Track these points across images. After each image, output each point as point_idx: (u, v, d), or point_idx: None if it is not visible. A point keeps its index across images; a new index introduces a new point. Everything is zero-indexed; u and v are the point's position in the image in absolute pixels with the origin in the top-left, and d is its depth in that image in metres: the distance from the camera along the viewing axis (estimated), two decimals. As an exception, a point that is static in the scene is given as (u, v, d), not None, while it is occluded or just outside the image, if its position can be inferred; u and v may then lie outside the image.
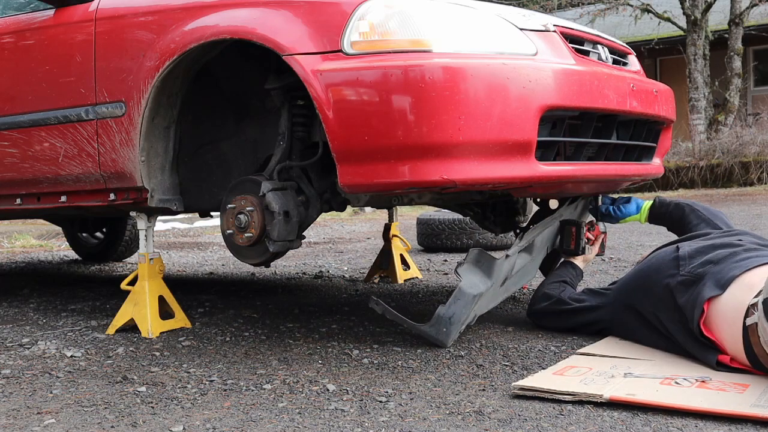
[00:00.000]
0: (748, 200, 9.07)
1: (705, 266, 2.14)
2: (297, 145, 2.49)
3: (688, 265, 2.18)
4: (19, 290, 3.93)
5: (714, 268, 2.12)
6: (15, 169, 2.96)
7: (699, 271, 2.14)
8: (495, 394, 1.92)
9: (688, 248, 2.26)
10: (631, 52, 2.96)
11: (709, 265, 2.14)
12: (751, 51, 15.65)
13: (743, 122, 13.45)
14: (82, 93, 2.73)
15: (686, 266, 2.18)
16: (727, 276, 2.06)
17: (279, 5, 2.33)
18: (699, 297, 2.07)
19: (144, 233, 2.76)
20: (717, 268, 2.11)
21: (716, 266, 2.12)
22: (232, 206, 2.46)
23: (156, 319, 2.70)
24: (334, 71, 2.17)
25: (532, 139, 2.20)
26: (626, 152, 2.70)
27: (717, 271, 2.10)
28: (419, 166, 2.13)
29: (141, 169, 2.59)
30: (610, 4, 15.21)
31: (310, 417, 1.78)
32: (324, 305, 3.26)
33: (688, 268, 2.17)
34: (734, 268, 2.08)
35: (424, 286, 3.78)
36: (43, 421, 1.79)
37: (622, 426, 1.66)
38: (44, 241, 7.24)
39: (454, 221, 5.27)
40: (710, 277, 2.09)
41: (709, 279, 2.09)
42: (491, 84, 2.14)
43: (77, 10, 2.83)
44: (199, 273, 4.65)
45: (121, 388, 2.06)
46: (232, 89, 2.74)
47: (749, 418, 1.66)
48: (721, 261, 2.14)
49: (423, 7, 2.25)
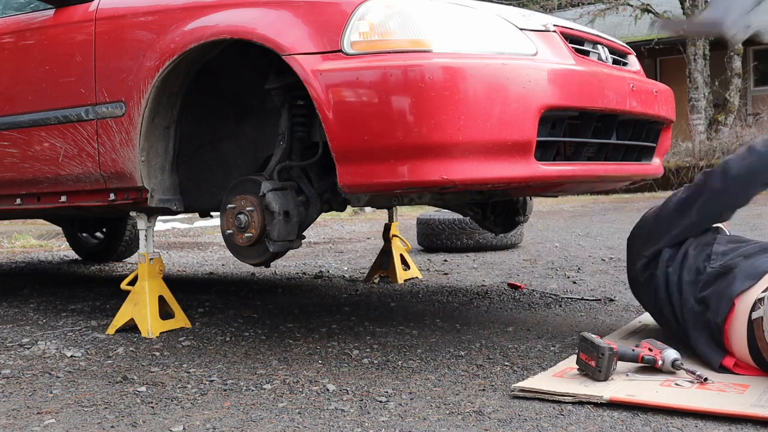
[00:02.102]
0: (748, 200, 9.05)
1: (735, 259, 2.13)
2: (297, 145, 2.49)
3: (718, 261, 2.16)
4: (19, 290, 3.93)
5: (745, 261, 2.10)
6: (15, 169, 2.96)
7: (729, 263, 2.12)
8: (495, 394, 1.92)
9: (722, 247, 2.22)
10: (631, 52, 2.96)
11: (740, 258, 2.12)
12: (751, 51, 15.65)
13: (743, 122, 13.45)
14: (82, 93, 2.73)
15: (717, 261, 2.16)
16: (760, 269, 2.03)
17: (279, 5, 2.33)
18: (729, 290, 2.03)
19: (144, 233, 2.76)
20: (748, 262, 2.09)
21: (747, 260, 2.10)
22: (232, 206, 2.46)
23: (156, 319, 2.70)
24: (334, 71, 2.17)
25: (531, 139, 2.20)
26: (626, 152, 2.69)
27: (749, 265, 2.07)
28: (419, 166, 2.13)
29: (141, 169, 2.59)
30: (610, 4, 15.21)
31: (310, 417, 1.78)
32: (324, 305, 3.26)
33: (719, 263, 2.15)
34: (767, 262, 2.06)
35: (424, 286, 3.78)
36: (43, 421, 1.80)
37: (622, 426, 1.66)
38: (44, 241, 7.24)
39: (454, 221, 5.27)
40: (741, 270, 2.06)
41: (740, 272, 2.06)
42: (491, 84, 2.14)
43: (77, 10, 2.83)
44: (199, 273, 4.65)
45: (121, 388, 2.06)
46: (232, 89, 2.74)
47: (749, 418, 1.66)
48: (753, 255, 2.12)
49: (423, 7, 2.25)
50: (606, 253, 4.82)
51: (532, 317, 2.93)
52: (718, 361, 2.01)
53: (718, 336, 2.03)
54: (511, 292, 3.50)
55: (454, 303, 3.27)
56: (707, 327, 2.07)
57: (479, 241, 5.23)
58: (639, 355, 2.01)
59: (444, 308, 3.15)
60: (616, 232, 6.24)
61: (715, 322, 2.03)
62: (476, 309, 3.12)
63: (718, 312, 2.03)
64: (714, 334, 2.05)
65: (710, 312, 2.06)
